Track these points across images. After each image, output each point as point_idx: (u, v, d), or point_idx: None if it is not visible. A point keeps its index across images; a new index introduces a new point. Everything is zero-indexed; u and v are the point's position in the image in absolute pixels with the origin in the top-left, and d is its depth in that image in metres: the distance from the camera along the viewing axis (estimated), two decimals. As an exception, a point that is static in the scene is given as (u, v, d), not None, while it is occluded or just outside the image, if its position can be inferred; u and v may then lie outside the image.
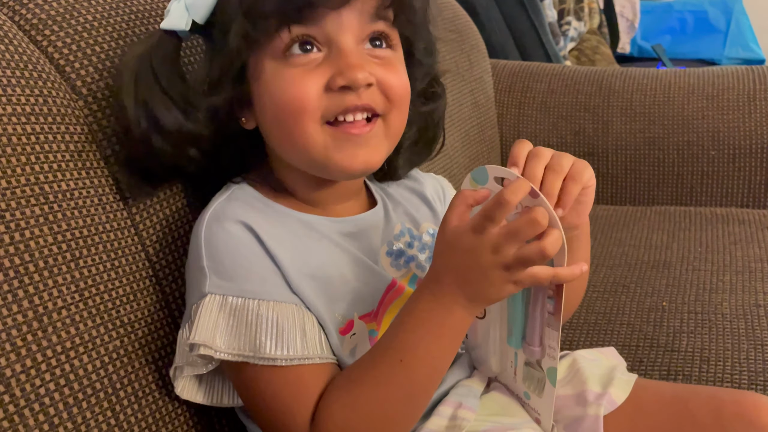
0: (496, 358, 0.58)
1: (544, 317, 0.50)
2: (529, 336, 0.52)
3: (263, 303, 0.49)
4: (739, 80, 1.22)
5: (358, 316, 0.53)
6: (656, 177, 1.23)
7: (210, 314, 0.49)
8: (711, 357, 0.76)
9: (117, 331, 0.53)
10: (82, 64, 0.57)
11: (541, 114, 1.30)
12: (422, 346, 0.47)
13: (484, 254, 0.45)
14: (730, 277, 0.91)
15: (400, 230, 0.60)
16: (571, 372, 0.61)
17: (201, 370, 0.51)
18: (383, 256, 0.58)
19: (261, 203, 0.54)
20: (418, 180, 0.66)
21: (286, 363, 0.49)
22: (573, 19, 2.02)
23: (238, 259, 0.50)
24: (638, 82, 1.28)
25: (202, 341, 0.48)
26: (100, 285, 0.52)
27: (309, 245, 0.53)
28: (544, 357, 0.52)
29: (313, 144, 0.50)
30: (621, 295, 0.90)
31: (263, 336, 0.48)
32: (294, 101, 0.49)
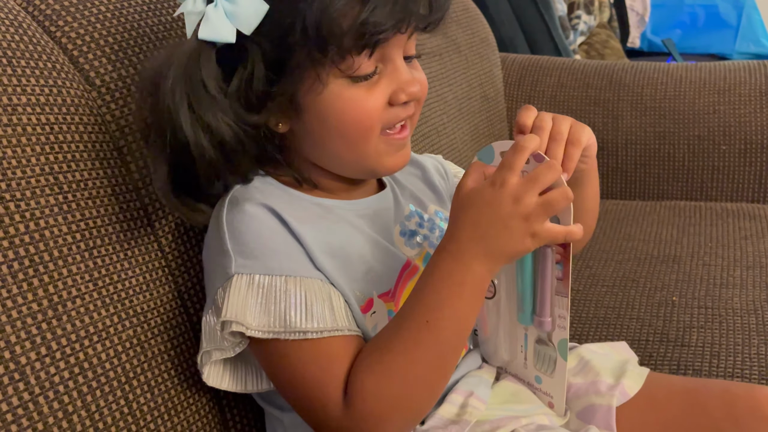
0: (506, 345, 0.58)
1: (553, 284, 0.51)
2: (539, 307, 0.52)
3: (290, 279, 0.49)
4: (750, 75, 1.21)
5: (377, 295, 0.54)
6: (666, 172, 1.23)
7: (239, 293, 0.49)
8: (721, 352, 0.76)
9: (130, 320, 0.53)
10: (96, 55, 0.58)
11: (551, 108, 1.30)
12: (446, 305, 0.48)
13: (504, 204, 0.46)
14: (740, 272, 0.91)
15: (410, 212, 0.61)
16: (581, 363, 0.61)
17: (229, 353, 0.51)
18: (397, 236, 0.58)
19: (279, 189, 0.54)
20: (419, 164, 0.67)
21: (316, 336, 0.49)
22: (583, 13, 2.01)
23: (262, 238, 0.50)
24: (649, 76, 1.27)
25: (234, 318, 0.48)
26: (114, 274, 0.53)
27: (328, 226, 0.53)
28: (554, 329, 0.52)
29: (370, 153, 0.53)
30: (631, 289, 0.90)
31: (292, 311, 0.48)
32: (363, 119, 0.51)
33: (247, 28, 0.48)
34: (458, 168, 0.72)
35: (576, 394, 0.58)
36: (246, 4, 0.47)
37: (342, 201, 0.56)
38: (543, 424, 0.54)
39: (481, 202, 0.47)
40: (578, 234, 0.47)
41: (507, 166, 0.47)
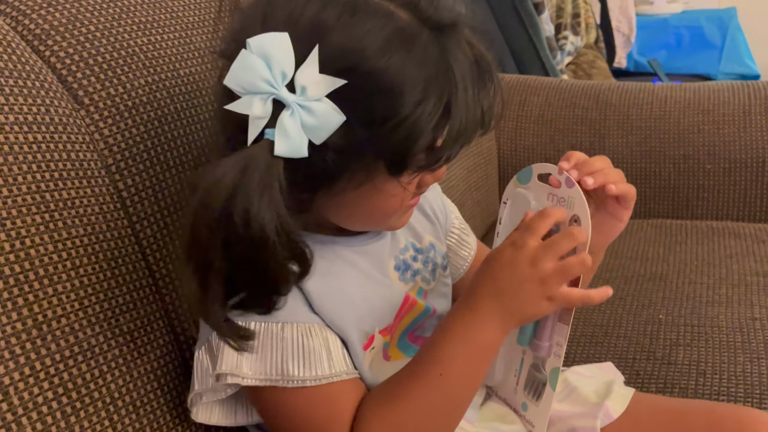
0: (501, 365, 0.58)
1: (557, 312, 0.51)
2: (540, 331, 0.53)
3: (286, 325, 0.49)
4: (734, 95, 1.23)
5: (378, 331, 0.54)
6: (653, 190, 1.24)
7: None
8: (707, 370, 0.76)
9: (116, 340, 0.53)
10: (84, 74, 0.58)
11: (539, 127, 1.31)
12: (459, 359, 0.48)
13: (521, 266, 0.47)
14: (726, 290, 0.92)
15: (404, 244, 0.60)
16: (568, 389, 0.61)
17: (221, 395, 0.51)
18: (392, 270, 0.58)
19: None
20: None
21: (315, 383, 0.48)
22: (570, 34, 2.04)
23: None
24: (635, 96, 1.29)
25: (229, 371, 0.48)
26: (100, 293, 0.52)
27: (326, 267, 0.52)
28: (550, 355, 0.52)
29: (390, 224, 0.53)
30: (618, 307, 0.90)
31: (289, 358, 0.48)
32: (395, 206, 0.50)
33: (319, 139, 0.43)
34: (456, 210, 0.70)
35: (560, 417, 0.58)
36: (323, 114, 0.42)
37: (339, 237, 0.55)
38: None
39: (502, 262, 0.48)
40: (596, 299, 0.48)
41: (528, 229, 0.48)
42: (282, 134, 0.42)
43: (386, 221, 0.53)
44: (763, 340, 0.80)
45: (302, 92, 0.42)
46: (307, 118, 0.43)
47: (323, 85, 0.42)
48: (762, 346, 0.79)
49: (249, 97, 0.42)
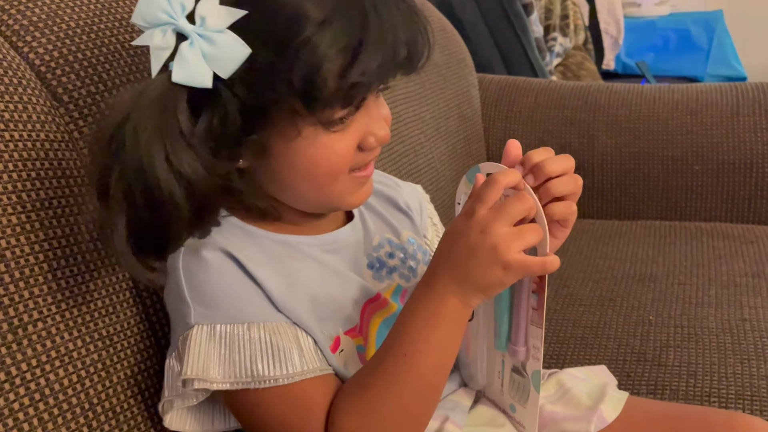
0: (484, 369, 0.57)
1: (529, 314, 0.51)
2: (514, 336, 0.52)
3: (253, 325, 0.48)
4: (722, 96, 1.23)
5: (342, 332, 0.53)
6: (641, 191, 1.24)
7: (199, 346, 0.47)
8: (698, 372, 0.76)
9: (95, 344, 0.51)
10: (64, 71, 0.56)
11: (528, 128, 1.30)
12: (422, 337, 0.47)
13: (472, 234, 0.46)
14: (715, 291, 0.92)
15: (379, 241, 0.59)
16: (561, 391, 0.60)
17: (192, 401, 0.49)
18: (365, 269, 0.57)
19: (237, 228, 0.52)
20: (395, 188, 0.65)
21: (288, 381, 0.47)
22: (559, 35, 2.04)
23: (220, 285, 0.48)
24: (623, 97, 1.28)
25: (195, 375, 0.46)
26: (78, 297, 0.51)
27: (292, 266, 0.51)
28: (528, 359, 0.52)
29: (336, 193, 0.51)
30: (608, 309, 0.90)
31: (259, 359, 0.47)
32: (335, 164, 0.49)
33: (225, 72, 0.43)
34: (434, 212, 0.69)
35: (554, 420, 0.57)
36: (227, 45, 0.43)
37: (307, 237, 0.54)
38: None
39: (454, 233, 0.47)
40: (555, 265, 0.46)
41: (477, 197, 0.46)
42: (180, 62, 0.43)
43: (332, 187, 0.50)
44: (753, 342, 0.79)
45: (202, 23, 0.43)
46: (209, 49, 0.43)
47: (223, 16, 0.43)
48: (752, 348, 0.78)
49: (150, 30, 0.44)
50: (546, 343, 0.84)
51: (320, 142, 0.48)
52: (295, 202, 0.52)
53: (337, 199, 0.52)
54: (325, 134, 0.48)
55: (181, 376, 0.47)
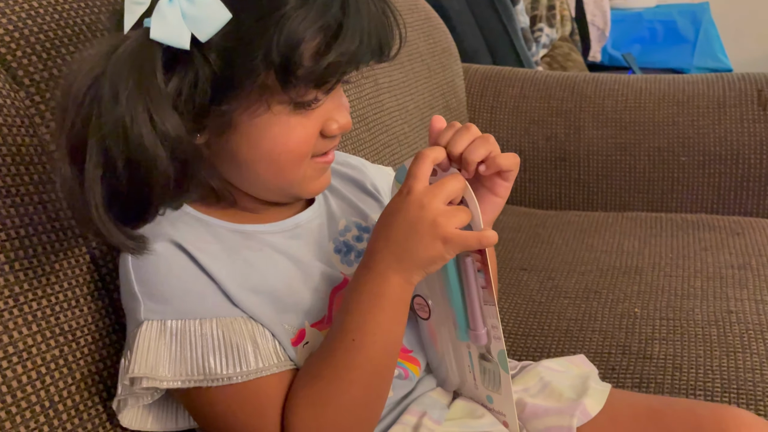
0: (453, 367, 0.56)
1: (480, 294, 0.51)
2: (472, 320, 0.52)
3: (205, 321, 0.46)
4: (709, 87, 1.22)
5: (309, 324, 0.51)
6: (628, 183, 1.22)
7: (149, 342, 0.45)
8: (683, 364, 0.75)
9: (56, 340, 0.49)
10: (25, 52, 0.53)
11: (514, 118, 1.29)
12: (369, 320, 0.47)
13: (410, 210, 0.46)
14: (701, 283, 0.90)
15: (345, 225, 0.57)
16: (541, 384, 0.59)
17: (147, 400, 0.47)
18: (332, 253, 0.55)
19: (190, 217, 0.50)
20: (361, 171, 0.63)
21: (242, 379, 0.46)
22: (545, 26, 2.02)
23: (171, 279, 0.46)
24: (610, 87, 1.27)
25: (143, 373, 0.44)
26: (38, 290, 0.48)
27: (248, 258, 0.50)
28: (491, 341, 0.51)
29: (297, 179, 0.50)
30: (593, 301, 0.88)
31: (211, 356, 0.45)
32: (299, 146, 0.48)
33: (204, 35, 0.42)
34: None
35: (536, 414, 0.56)
36: (208, 7, 0.42)
37: (265, 225, 0.52)
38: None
39: (391, 211, 0.47)
40: (492, 238, 0.47)
41: (411, 175, 0.47)
42: (159, 19, 0.41)
43: (292, 172, 0.49)
44: (739, 334, 0.78)
45: None
46: (189, 9, 0.42)
47: None
48: (738, 341, 0.77)
49: None
50: (530, 335, 0.83)
51: (285, 122, 0.47)
52: (252, 186, 0.50)
53: (297, 185, 0.51)
54: (291, 115, 0.47)
55: (128, 374, 0.45)
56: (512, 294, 0.92)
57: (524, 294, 0.92)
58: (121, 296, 0.49)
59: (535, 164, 1.27)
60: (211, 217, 0.50)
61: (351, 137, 0.92)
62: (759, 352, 0.75)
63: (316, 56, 0.44)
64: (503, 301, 0.91)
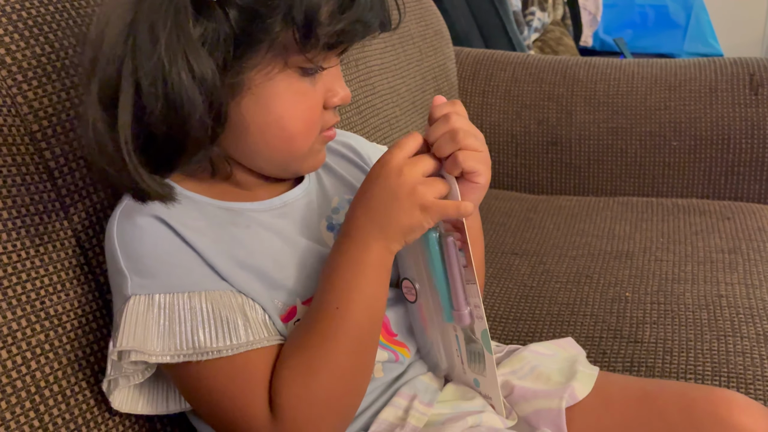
0: (442, 352, 0.56)
1: (461, 273, 0.51)
2: (455, 300, 0.52)
3: (194, 294, 0.45)
4: (700, 71, 1.22)
5: (300, 302, 0.50)
6: (619, 167, 1.22)
7: (137, 317, 0.44)
8: (674, 348, 0.75)
9: (41, 324, 0.48)
10: (7, 30, 0.52)
11: (505, 102, 1.28)
12: (352, 287, 0.47)
13: (390, 178, 0.47)
14: (692, 267, 0.91)
15: (338, 203, 0.57)
16: (528, 367, 0.59)
17: (137, 378, 0.47)
18: (324, 231, 0.55)
19: (180, 196, 0.48)
20: (354, 149, 0.62)
21: (231, 352, 0.45)
22: (537, 10, 2.01)
23: (158, 253, 0.46)
24: (602, 71, 1.26)
25: (131, 346, 0.44)
26: (22, 273, 0.47)
27: (235, 234, 0.49)
28: (474, 320, 0.51)
29: (304, 152, 0.50)
30: (584, 285, 0.88)
31: (200, 330, 0.45)
32: (309, 116, 0.49)
33: None
34: None
35: (524, 397, 0.56)
36: None
37: (254, 203, 0.52)
38: (492, 426, 0.52)
39: (370, 179, 0.48)
40: (469, 209, 0.47)
41: (396, 145, 0.48)
42: None
43: (304, 143, 0.49)
44: (729, 318, 0.79)
45: None
46: None
47: None
48: (728, 324, 0.78)
49: None
50: (521, 319, 0.83)
51: (298, 89, 0.47)
52: (255, 157, 0.50)
53: (301, 159, 0.51)
54: (302, 81, 0.48)
55: (115, 348, 0.44)
56: (503, 278, 0.92)
57: (515, 278, 0.92)
58: (108, 275, 0.49)
59: (527, 148, 1.26)
60: (197, 194, 0.50)
61: (342, 120, 0.91)
62: (749, 336, 0.75)
63: (332, 20, 0.44)
64: (494, 285, 0.91)
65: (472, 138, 0.48)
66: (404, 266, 0.54)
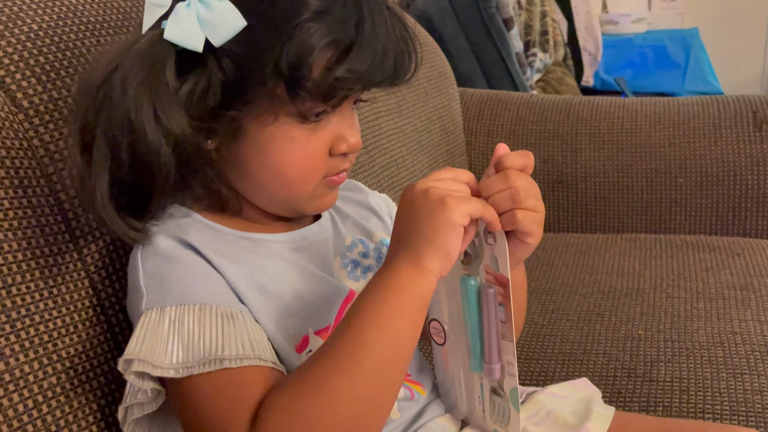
0: (463, 395, 0.55)
1: (498, 327, 0.49)
2: (488, 353, 0.50)
3: (205, 307, 0.45)
4: (703, 109, 1.23)
5: (313, 332, 0.49)
6: (626, 204, 1.22)
7: (146, 329, 0.43)
8: (690, 387, 0.74)
9: (53, 367, 0.48)
10: (24, 75, 0.53)
11: (510, 141, 1.29)
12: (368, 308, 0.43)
13: (416, 200, 0.44)
14: (704, 304, 0.90)
15: (351, 241, 0.57)
16: (543, 411, 0.58)
17: (151, 407, 0.45)
18: (338, 268, 0.55)
19: (201, 224, 0.50)
20: (364, 192, 0.64)
21: (236, 364, 0.43)
22: (539, 51, 2.04)
23: (178, 270, 0.46)
24: (605, 110, 1.28)
25: (135, 355, 0.42)
26: (35, 315, 0.47)
27: (255, 261, 0.49)
28: (504, 376, 0.50)
29: (305, 195, 0.50)
30: (596, 323, 0.87)
31: (207, 338, 0.43)
32: (300, 161, 0.48)
33: (218, 39, 0.44)
34: None
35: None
36: (223, 13, 0.44)
37: (272, 234, 0.52)
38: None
39: (400, 207, 0.46)
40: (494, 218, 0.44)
41: (428, 177, 0.46)
42: (175, 21, 0.43)
43: (302, 189, 0.49)
44: (744, 355, 0.77)
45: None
46: (205, 14, 0.43)
47: None
48: (744, 362, 0.76)
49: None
50: (533, 359, 0.82)
51: (293, 136, 0.47)
52: (258, 196, 0.51)
53: (305, 201, 0.51)
54: (298, 128, 0.47)
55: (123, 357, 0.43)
56: (514, 317, 0.91)
57: (526, 317, 0.91)
58: (127, 304, 0.48)
59: (533, 187, 1.27)
60: (219, 224, 0.50)
61: (350, 160, 0.92)
62: (766, 374, 0.74)
63: (325, 70, 0.44)
64: (505, 324, 0.90)
65: (533, 199, 0.45)
66: (434, 307, 0.52)
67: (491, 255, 0.47)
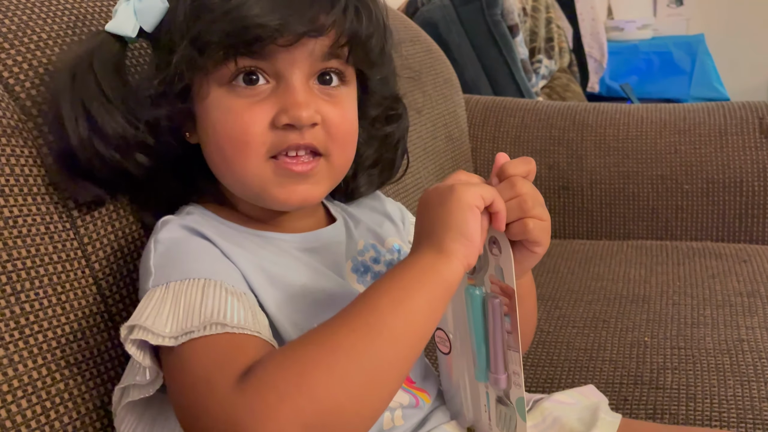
0: (469, 403, 0.55)
1: (504, 338, 0.48)
2: (493, 364, 0.50)
3: (210, 281, 0.44)
4: (709, 115, 1.23)
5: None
6: (631, 211, 1.22)
7: (149, 302, 0.43)
8: (697, 394, 0.73)
9: (62, 373, 0.48)
10: (33, 83, 0.54)
11: (515, 148, 1.29)
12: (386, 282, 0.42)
13: (429, 197, 0.45)
14: (710, 311, 0.89)
15: (363, 246, 0.57)
16: (550, 419, 0.57)
17: (148, 390, 0.43)
18: (349, 272, 0.55)
19: (214, 220, 0.51)
20: (379, 198, 0.64)
21: (237, 331, 0.42)
22: (544, 57, 2.05)
23: (189, 252, 0.47)
24: (611, 116, 1.28)
25: (134, 321, 0.42)
26: (44, 321, 0.48)
27: (267, 255, 0.50)
28: (510, 386, 0.49)
29: (251, 177, 0.48)
30: (602, 330, 0.87)
31: (210, 305, 0.42)
32: (238, 134, 0.47)
33: (148, 25, 0.50)
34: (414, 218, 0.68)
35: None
36: (151, 1, 0.49)
37: (285, 234, 0.53)
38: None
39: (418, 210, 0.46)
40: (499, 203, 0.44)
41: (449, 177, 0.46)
42: (115, 15, 0.50)
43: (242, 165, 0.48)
44: (752, 363, 0.77)
45: None
46: (139, 5, 0.49)
47: None
48: (752, 369, 0.76)
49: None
50: (539, 366, 0.82)
51: (224, 106, 0.48)
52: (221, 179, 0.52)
53: (258, 186, 0.48)
54: (231, 98, 0.48)
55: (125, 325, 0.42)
56: (520, 324, 0.91)
57: (532, 324, 0.91)
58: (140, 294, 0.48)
59: (539, 193, 1.27)
60: (232, 222, 0.51)
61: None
62: (773, 381, 0.74)
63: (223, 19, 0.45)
64: (511, 331, 0.90)
65: (540, 207, 0.45)
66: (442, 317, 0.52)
67: (496, 265, 0.47)
